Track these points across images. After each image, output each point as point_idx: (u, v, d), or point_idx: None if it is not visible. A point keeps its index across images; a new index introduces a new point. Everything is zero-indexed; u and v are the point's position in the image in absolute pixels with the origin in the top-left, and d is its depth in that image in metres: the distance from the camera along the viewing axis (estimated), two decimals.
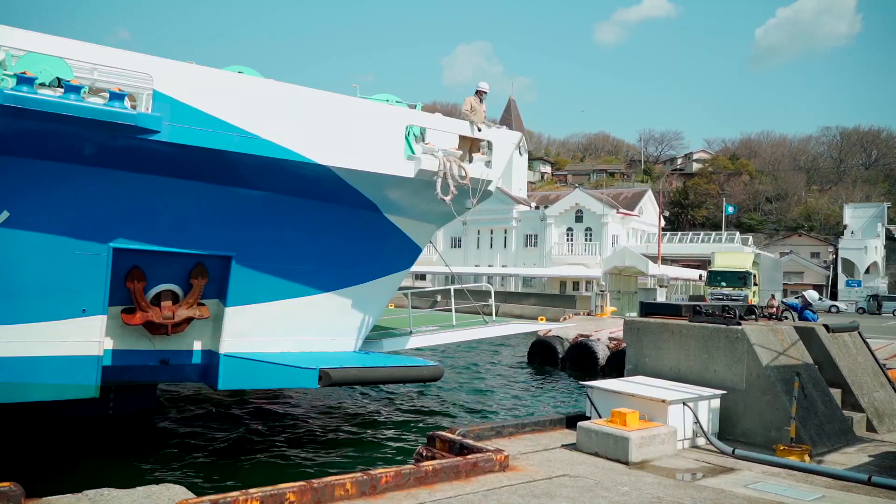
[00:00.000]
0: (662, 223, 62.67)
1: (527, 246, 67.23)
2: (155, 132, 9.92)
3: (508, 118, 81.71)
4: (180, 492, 6.25)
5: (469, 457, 7.17)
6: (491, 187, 13.68)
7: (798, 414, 8.60)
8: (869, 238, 74.31)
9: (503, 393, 20.84)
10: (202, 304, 12.15)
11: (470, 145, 13.55)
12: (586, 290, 55.09)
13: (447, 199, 12.38)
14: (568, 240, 64.71)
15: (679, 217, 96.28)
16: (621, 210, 65.80)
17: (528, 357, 27.67)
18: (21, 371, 10.35)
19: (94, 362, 10.86)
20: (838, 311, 57.20)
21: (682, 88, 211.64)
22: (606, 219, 62.43)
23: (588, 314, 38.62)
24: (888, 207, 78.84)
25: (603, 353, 24.74)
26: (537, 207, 67.93)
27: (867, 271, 73.37)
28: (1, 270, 10.11)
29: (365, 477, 6.21)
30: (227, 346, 12.23)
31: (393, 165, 12.11)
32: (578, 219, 64.39)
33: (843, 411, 9.99)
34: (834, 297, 70.00)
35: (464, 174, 12.57)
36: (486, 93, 13.96)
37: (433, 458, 7.57)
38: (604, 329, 27.42)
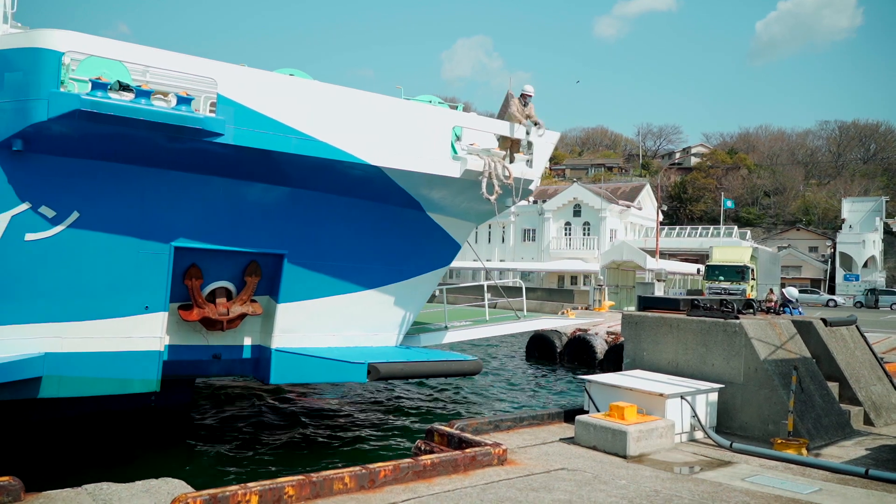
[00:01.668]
0: (660, 217, 62.71)
1: (525, 240, 67.28)
2: (219, 135, 10.19)
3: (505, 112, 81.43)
4: (179, 486, 6.25)
5: (467, 451, 7.17)
6: (532, 186, 14.04)
7: (796, 407, 8.62)
8: (867, 232, 74.35)
9: (501, 387, 20.88)
10: (254, 301, 12.48)
11: (510, 145, 13.86)
12: (584, 284, 55.17)
13: (492, 198, 12.67)
14: (566, 234, 64.74)
15: (677, 211, 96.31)
16: (622, 202, 65.79)
17: (526, 351, 27.71)
18: (89, 366, 10.74)
19: (156, 357, 11.28)
20: (836, 306, 57.30)
21: (681, 82, 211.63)
22: (604, 213, 62.44)
23: (586, 308, 38.66)
24: (886, 201, 78.86)
25: (601, 347, 24.79)
26: (535, 202, 67.89)
27: (865, 265, 73.44)
28: (70, 269, 10.45)
29: (363, 471, 6.22)
30: (278, 341, 12.57)
31: (440, 166, 12.40)
32: (576, 213, 64.40)
33: (841, 405, 10.01)
34: (832, 291, 70.11)
35: (507, 174, 12.85)
36: (530, 95, 14.24)
37: (431, 451, 7.58)
38: (602, 323, 27.45)
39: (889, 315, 47.06)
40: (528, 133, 13.58)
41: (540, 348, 27.01)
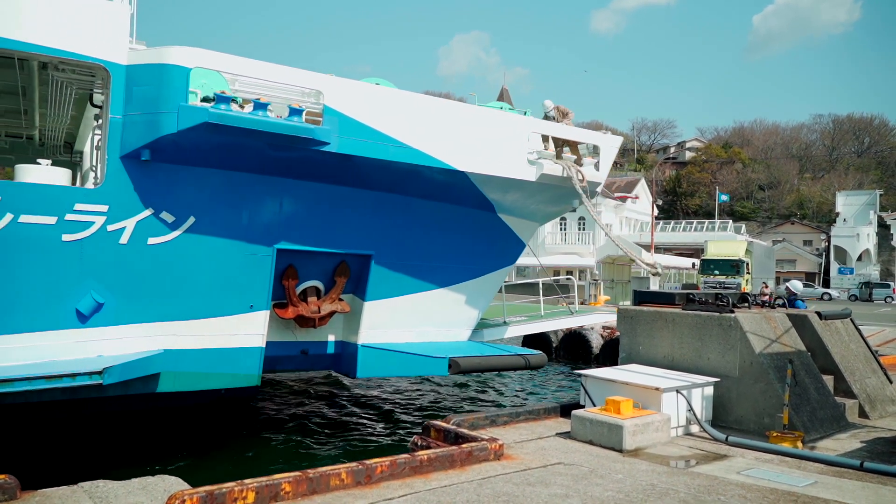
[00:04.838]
0: (655, 212, 62.78)
1: None
2: (325, 144, 10.75)
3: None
4: (175, 482, 6.25)
5: (464, 446, 7.19)
6: (598, 189, 14.81)
7: (791, 401, 8.65)
8: (861, 225, 74.64)
9: (497, 382, 20.90)
10: (341, 299, 13.02)
11: (573, 150, 14.53)
12: (580, 279, 55.19)
13: (576, 202, 13.92)
14: (561, 229, 64.63)
15: (672, 206, 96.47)
16: (618, 195, 65.81)
17: (521, 346, 27.67)
18: (201, 362, 11.34)
19: (258, 353, 11.84)
20: (830, 299, 57.52)
21: (677, 77, 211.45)
22: (599, 208, 62.44)
23: (582, 303, 38.68)
24: (880, 195, 79.13)
25: (597, 342, 24.82)
26: None
27: (859, 259, 73.76)
28: (186, 271, 11.00)
29: (360, 466, 6.23)
30: (364, 337, 13.10)
31: (518, 170, 13.02)
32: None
33: (836, 398, 10.05)
34: (826, 284, 70.40)
35: (582, 177, 13.52)
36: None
37: (428, 447, 7.59)
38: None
39: (883, 308, 47.27)
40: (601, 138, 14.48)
41: (536, 343, 26.99)
